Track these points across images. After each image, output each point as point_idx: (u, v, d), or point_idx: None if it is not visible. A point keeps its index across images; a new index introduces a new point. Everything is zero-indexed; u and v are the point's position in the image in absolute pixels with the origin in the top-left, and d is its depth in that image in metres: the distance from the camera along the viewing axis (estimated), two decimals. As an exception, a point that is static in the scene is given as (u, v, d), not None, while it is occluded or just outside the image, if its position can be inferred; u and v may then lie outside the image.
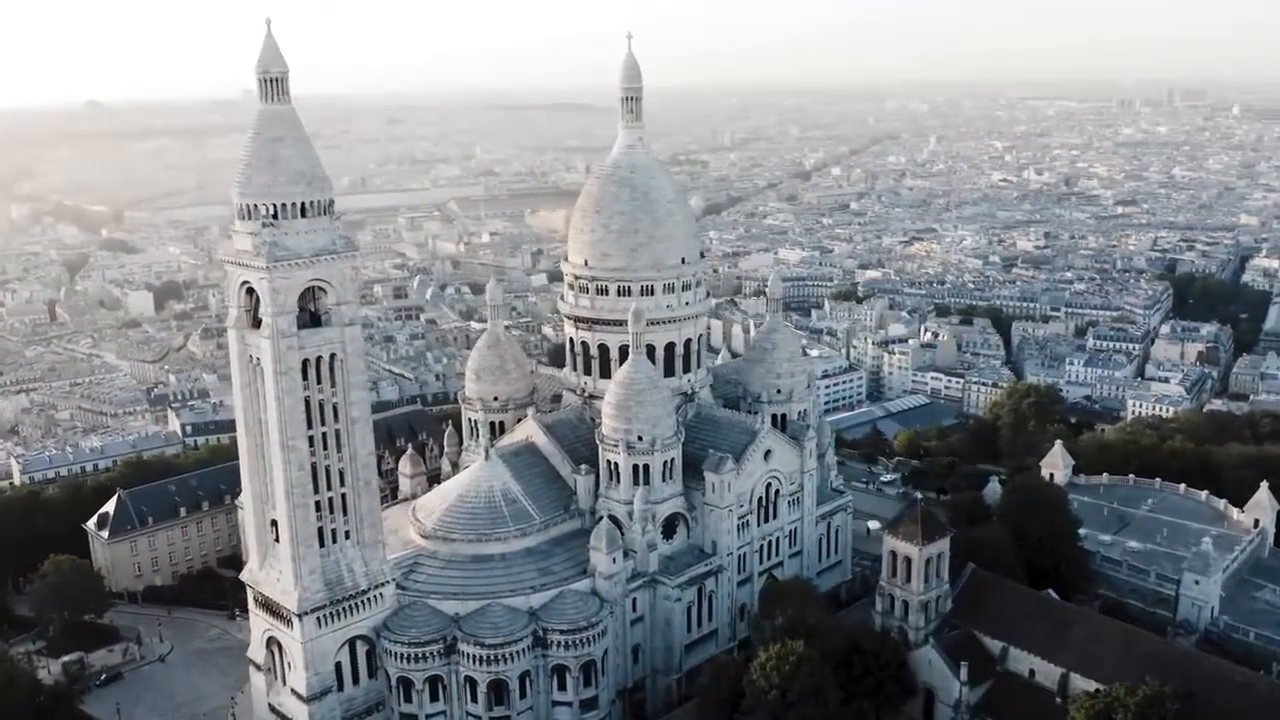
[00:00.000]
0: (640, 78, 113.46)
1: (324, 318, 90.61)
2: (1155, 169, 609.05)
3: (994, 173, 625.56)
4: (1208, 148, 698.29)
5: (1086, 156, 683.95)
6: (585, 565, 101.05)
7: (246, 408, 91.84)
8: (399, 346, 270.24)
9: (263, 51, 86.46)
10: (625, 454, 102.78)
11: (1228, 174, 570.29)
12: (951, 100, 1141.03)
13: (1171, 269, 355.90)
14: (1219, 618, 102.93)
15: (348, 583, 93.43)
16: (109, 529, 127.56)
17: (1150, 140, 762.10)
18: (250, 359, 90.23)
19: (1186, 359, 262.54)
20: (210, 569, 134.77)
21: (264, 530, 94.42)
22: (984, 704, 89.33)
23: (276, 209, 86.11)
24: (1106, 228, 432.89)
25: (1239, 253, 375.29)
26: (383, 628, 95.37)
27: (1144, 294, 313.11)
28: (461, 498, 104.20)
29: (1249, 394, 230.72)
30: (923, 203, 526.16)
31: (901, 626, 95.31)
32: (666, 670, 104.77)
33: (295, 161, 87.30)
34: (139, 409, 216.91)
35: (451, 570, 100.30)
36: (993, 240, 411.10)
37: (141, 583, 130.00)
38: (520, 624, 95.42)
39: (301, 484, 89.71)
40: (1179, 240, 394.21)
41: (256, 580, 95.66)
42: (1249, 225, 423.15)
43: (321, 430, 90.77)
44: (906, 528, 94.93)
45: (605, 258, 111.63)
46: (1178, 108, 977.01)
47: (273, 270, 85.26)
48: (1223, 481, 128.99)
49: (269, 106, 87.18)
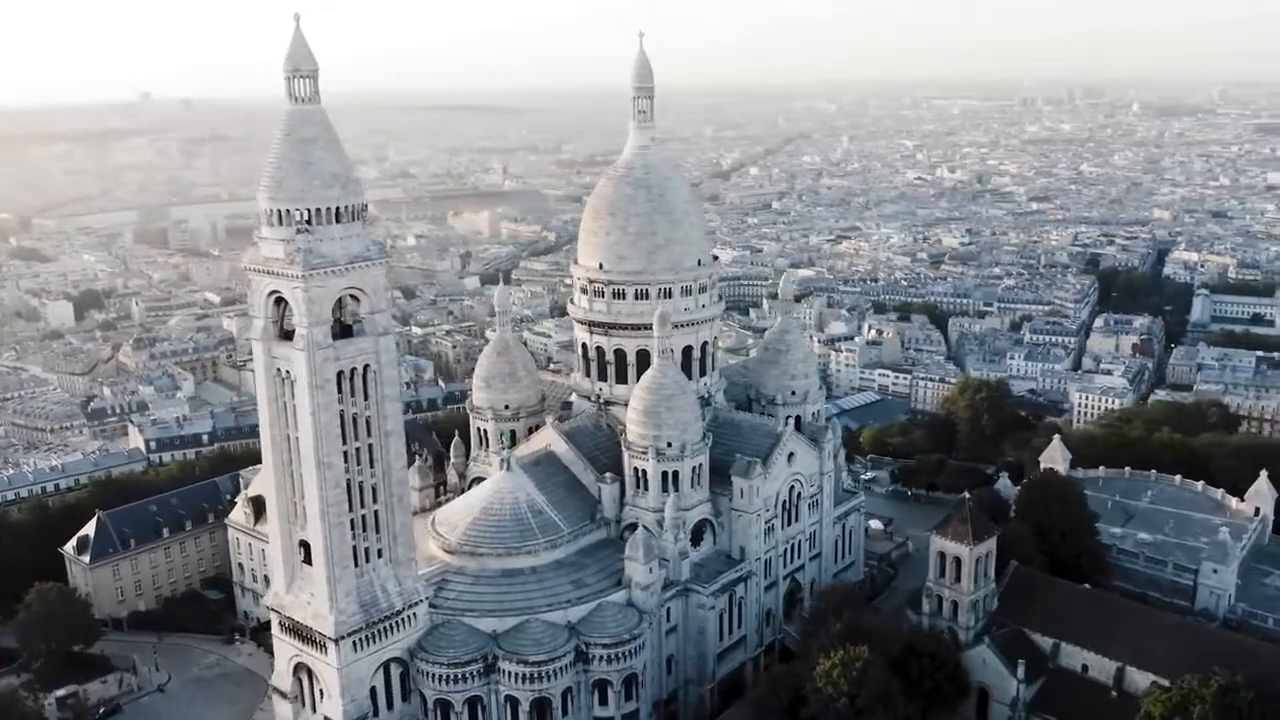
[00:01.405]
0: (652, 77, 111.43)
1: (355, 327, 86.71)
2: (1063, 165, 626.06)
3: (908, 171, 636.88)
4: (1112, 144, 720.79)
5: (996, 154, 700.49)
6: (618, 576, 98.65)
7: (273, 424, 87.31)
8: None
9: (291, 49, 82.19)
10: (654, 461, 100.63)
11: (1134, 169, 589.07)
12: (858, 100, 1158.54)
13: (1094, 263, 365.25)
14: (1237, 605, 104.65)
15: (382, 604, 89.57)
16: (90, 553, 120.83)
17: (1055, 138, 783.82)
18: (278, 372, 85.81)
19: (1121, 351, 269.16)
20: (195, 591, 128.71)
21: (291, 552, 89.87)
22: (1038, 701, 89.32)
23: (310, 214, 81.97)
24: (1025, 224, 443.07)
25: (1156, 246, 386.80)
26: (417, 649, 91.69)
27: (1072, 288, 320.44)
28: (486, 510, 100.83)
29: (1191, 384, 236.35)
30: (842, 201, 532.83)
31: (951, 627, 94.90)
32: (699, 680, 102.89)
33: (329, 164, 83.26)
34: (76, 424, 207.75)
35: (482, 586, 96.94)
36: (917, 238, 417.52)
37: (125, 608, 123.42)
38: (561, 639, 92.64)
39: (337, 502, 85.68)
40: (1099, 235, 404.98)
41: (283, 604, 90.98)
42: (1162, 220, 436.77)
43: (355, 445, 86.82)
44: (955, 528, 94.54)
45: (622, 260, 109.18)
46: (1078, 106, 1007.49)
47: (309, 279, 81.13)
48: (1213, 471, 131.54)
49: (299, 106, 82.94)
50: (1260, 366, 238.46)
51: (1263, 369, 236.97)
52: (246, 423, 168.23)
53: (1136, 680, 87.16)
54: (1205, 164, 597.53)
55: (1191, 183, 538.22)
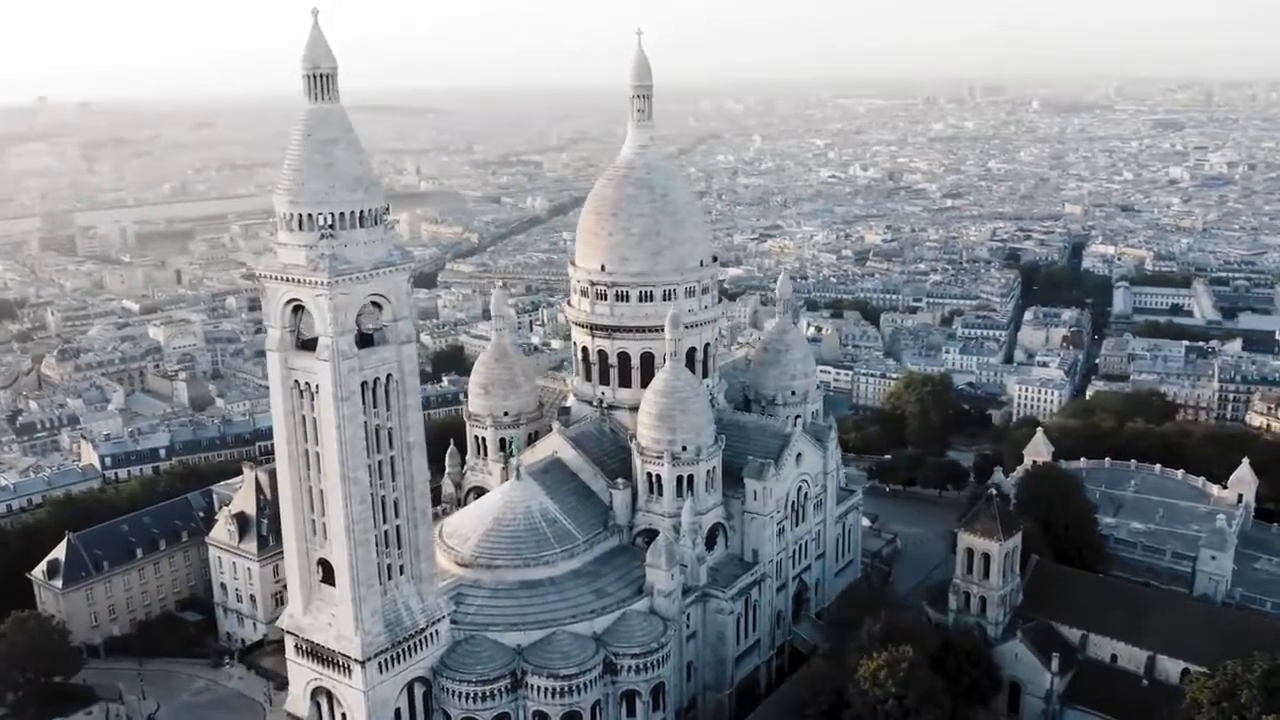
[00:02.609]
0: (650, 75, 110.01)
1: (375, 336, 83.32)
2: (971, 162, 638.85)
3: (822, 170, 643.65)
4: (1016, 141, 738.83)
5: (905, 152, 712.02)
6: (638, 583, 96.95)
7: (290, 438, 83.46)
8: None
9: (309, 46, 78.55)
10: (669, 465, 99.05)
11: (1040, 165, 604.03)
12: (765, 100, 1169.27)
13: (1014, 258, 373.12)
14: (1234, 590, 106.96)
15: (406, 622, 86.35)
16: (62, 577, 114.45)
17: (961, 135, 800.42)
18: (296, 384, 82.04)
19: (1051, 343, 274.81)
20: (170, 614, 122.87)
21: (308, 571, 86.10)
22: (1070, 693, 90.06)
23: (334, 218, 78.44)
24: (942, 220, 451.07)
25: (1071, 240, 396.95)
26: (441, 667, 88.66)
27: (997, 282, 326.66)
28: (499, 521, 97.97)
29: (1125, 375, 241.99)
30: (761, 200, 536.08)
31: (979, 623, 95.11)
32: (718, 686, 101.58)
33: (351, 166, 79.96)
34: (5, 439, 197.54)
35: (502, 599, 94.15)
36: (840, 235, 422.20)
37: (99, 634, 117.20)
38: (589, 651, 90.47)
39: (363, 519, 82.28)
40: (1016, 230, 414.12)
41: (300, 626, 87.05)
42: (1074, 214, 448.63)
43: (378, 458, 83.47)
44: (984, 524, 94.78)
45: (625, 262, 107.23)
46: (980, 103, 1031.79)
47: (334, 286, 77.60)
48: (1186, 459, 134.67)
49: (319, 105, 79.36)
50: (1189, 356, 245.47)
51: (1192, 358, 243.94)
52: (204, 435, 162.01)
53: (1168, 668, 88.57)
54: (1109, 159, 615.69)
55: (1097, 177, 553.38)
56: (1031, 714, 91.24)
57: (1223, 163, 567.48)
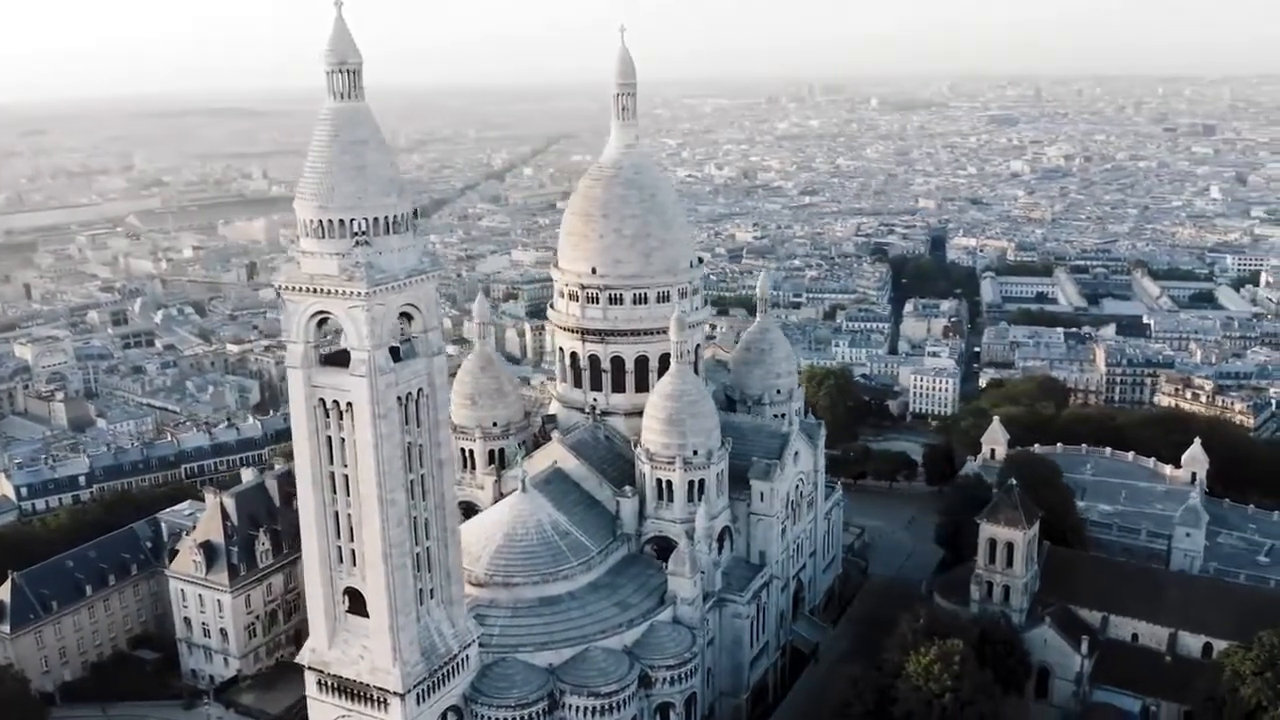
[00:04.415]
0: (634, 73, 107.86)
1: (403, 348, 78.58)
2: (820, 160, 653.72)
3: (678, 169, 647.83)
4: (860, 139, 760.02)
5: (756, 151, 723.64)
6: (659, 593, 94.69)
7: (313, 460, 77.90)
8: (151, 377, 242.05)
9: (334, 39, 73.45)
10: (681, 470, 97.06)
11: (887, 162, 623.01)
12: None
13: (881, 252, 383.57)
14: (1208, 565, 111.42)
15: (440, 649, 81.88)
16: (9, 621, 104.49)
17: (806, 134, 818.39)
18: (321, 403, 76.65)
19: (933, 334, 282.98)
20: (124, 653, 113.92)
21: (333, 602, 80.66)
22: (1096, 673, 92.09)
23: (368, 224, 73.51)
24: (804, 216, 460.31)
25: (931, 234, 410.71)
26: (473, 693, 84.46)
27: (871, 276, 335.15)
28: (510, 536, 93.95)
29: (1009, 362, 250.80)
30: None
31: (1004, 611, 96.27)
32: (734, 691, 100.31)
33: (383, 168, 75.16)
34: None
35: (524, 618, 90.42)
36: (710, 234, 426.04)
37: (51, 680, 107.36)
38: (624, 666, 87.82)
39: (400, 542, 77.48)
40: (879, 225, 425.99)
41: (325, 661, 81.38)
42: (929, 209, 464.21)
43: (410, 477, 78.80)
44: (1007, 514, 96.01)
45: (618, 264, 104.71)
46: (820, 102, 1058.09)
47: (372, 296, 72.73)
48: (1129, 441, 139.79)
49: (345, 104, 74.25)
50: (1069, 342, 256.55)
51: (1072, 344, 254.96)
52: (126, 460, 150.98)
53: (1189, 644, 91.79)
54: (951, 154, 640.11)
55: (942, 173, 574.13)
56: (1061, 697, 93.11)
57: (1060, 156, 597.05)
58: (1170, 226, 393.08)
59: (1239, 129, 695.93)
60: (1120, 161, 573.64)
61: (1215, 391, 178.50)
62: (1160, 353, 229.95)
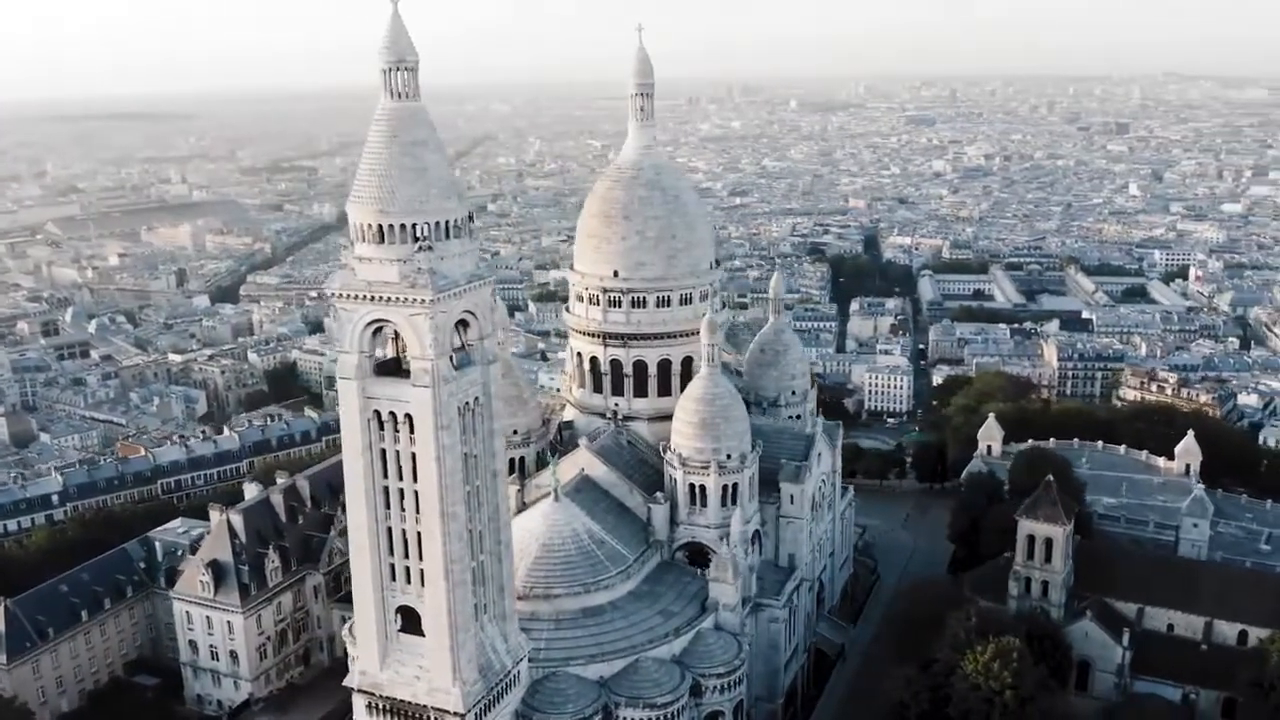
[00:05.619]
0: (652, 74, 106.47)
1: (457, 356, 75.90)
2: (746, 161, 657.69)
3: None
4: (783, 140, 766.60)
5: (681, 152, 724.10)
6: (698, 600, 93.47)
7: (366, 474, 74.90)
8: (93, 389, 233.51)
9: (391, 37, 70.62)
10: (716, 475, 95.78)
11: (812, 162, 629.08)
12: (531, 101, 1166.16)
13: (817, 251, 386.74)
14: (1214, 554, 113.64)
15: (496, 666, 79.43)
16: (5, 650, 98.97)
17: (730, 135, 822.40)
18: (376, 415, 73.73)
19: (880, 332, 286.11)
20: (120, 679, 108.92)
21: (385, 621, 77.70)
22: (1135, 664, 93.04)
23: (430, 229, 70.87)
24: (736, 217, 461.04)
25: (864, 233, 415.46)
26: (527, 710, 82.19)
27: (813, 276, 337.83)
28: (546, 547, 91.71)
29: (959, 358, 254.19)
30: (555, 202, 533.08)
31: (1042, 606, 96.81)
32: (770, 696, 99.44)
33: (442, 170, 72.72)
34: None
35: (568, 629, 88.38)
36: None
37: (48, 711, 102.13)
38: (676, 676, 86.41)
39: (460, 557, 74.88)
40: (814, 225, 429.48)
41: (378, 684, 78.29)
42: (859, 208, 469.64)
43: (467, 489, 76.29)
44: (1046, 510, 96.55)
45: (641, 267, 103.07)
46: (740, 103, 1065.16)
47: (436, 304, 70.15)
48: (1118, 435, 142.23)
49: (403, 103, 71.44)
50: (1015, 338, 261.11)
51: (1019, 340, 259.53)
52: (100, 477, 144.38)
53: (1225, 632, 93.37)
54: (874, 154, 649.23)
55: (866, 172, 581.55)
56: (1103, 689, 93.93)
57: (979, 155, 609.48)
58: (1095, 223, 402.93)
59: (1150, 127, 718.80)
60: (1039, 160, 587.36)
61: (1180, 384, 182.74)
62: (1109, 347, 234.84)
